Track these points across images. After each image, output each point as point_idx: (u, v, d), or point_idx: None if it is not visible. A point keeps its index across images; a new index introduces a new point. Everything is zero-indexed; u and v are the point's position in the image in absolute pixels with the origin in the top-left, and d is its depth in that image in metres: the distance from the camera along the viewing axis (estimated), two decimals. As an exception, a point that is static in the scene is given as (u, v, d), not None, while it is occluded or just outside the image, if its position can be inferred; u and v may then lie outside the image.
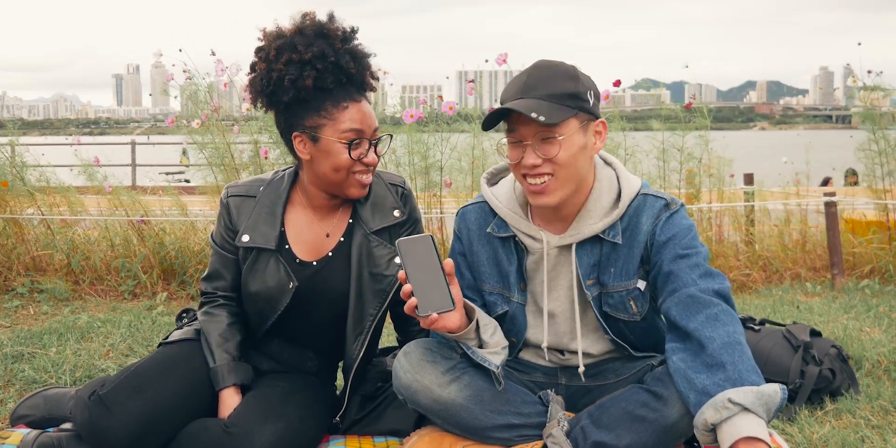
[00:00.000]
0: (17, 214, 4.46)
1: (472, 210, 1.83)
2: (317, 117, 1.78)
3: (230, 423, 1.66)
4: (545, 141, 1.59)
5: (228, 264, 1.93)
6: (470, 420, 1.65)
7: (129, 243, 4.39)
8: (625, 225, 1.70)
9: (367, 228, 1.88)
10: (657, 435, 1.54)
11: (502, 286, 1.78)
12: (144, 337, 3.17)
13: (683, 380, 1.49)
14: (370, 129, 1.80)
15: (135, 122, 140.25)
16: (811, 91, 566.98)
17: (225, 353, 1.84)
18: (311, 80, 1.74)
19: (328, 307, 1.90)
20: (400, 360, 1.68)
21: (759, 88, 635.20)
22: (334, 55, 1.76)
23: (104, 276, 4.25)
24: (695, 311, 1.54)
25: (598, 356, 1.78)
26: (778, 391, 1.41)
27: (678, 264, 1.61)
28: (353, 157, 1.78)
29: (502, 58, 4.18)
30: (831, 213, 4.38)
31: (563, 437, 1.61)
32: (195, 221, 4.53)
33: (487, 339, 1.63)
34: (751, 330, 2.55)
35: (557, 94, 1.58)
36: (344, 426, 1.95)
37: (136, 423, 1.64)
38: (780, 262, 4.59)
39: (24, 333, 3.19)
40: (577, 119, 1.61)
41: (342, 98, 1.78)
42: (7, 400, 2.39)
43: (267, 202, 1.90)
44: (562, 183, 1.62)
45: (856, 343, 2.91)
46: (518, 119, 1.60)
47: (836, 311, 3.64)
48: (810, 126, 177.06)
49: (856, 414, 2.23)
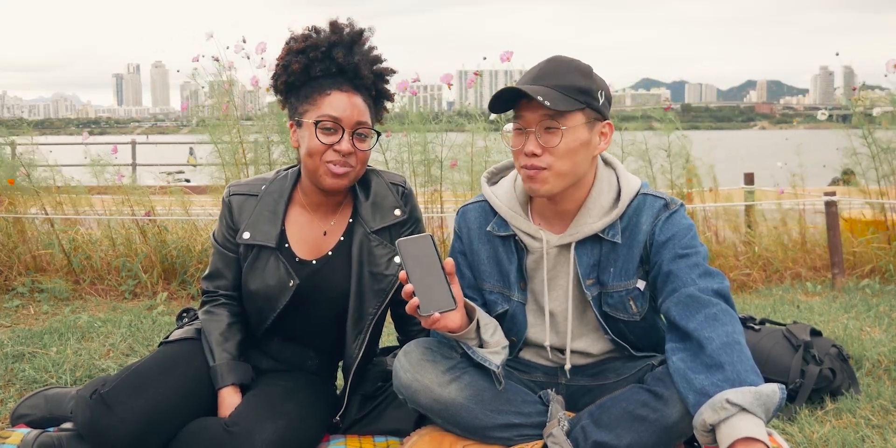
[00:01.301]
0: (21, 214, 4.47)
1: (473, 209, 1.83)
2: (305, 104, 1.83)
3: (231, 422, 1.67)
4: (548, 130, 1.60)
5: (229, 263, 1.93)
6: (470, 420, 1.65)
7: (131, 242, 4.39)
8: (624, 224, 1.70)
9: (367, 228, 1.88)
10: (657, 435, 1.54)
11: (502, 285, 1.78)
12: (145, 336, 3.17)
13: (683, 380, 1.49)
14: (350, 120, 1.80)
15: (135, 121, 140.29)
16: (811, 91, 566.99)
17: (225, 353, 1.84)
18: (297, 65, 1.82)
19: (328, 306, 1.90)
20: (400, 360, 1.68)
21: (760, 88, 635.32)
22: (326, 46, 1.83)
23: (105, 276, 4.25)
24: (694, 311, 1.54)
25: (599, 356, 1.78)
26: (776, 391, 1.41)
27: (677, 264, 1.62)
28: (321, 140, 1.79)
29: (506, 55, 4.18)
30: (832, 213, 4.38)
31: (563, 437, 1.61)
32: (196, 221, 4.53)
33: (488, 339, 1.63)
34: (751, 329, 2.55)
35: (568, 86, 1.60)
36: (344, 426, 1.95)
37: (137, 422, 1.65)
38: (780, 262, 4.59)
39: (24, 333, 3.19)
40: (583, 114, 1.62)
41: (328, 86, 1.82)
42: (7, 399, 2.40)
43: (269, 201, 1.91)
44: (556, 175, 1.62)
45: (856, 342, 2.91)
46: (525, 106, 1.62)
47: (836, 310, 3.64)
48: (810, 125, 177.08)
49: (856, 413, 2.23)
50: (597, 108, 1.63)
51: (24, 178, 4.43)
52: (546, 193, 1.65)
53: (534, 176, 1.63)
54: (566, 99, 1.58)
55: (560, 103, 1.57)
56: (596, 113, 1.64)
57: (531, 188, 1.65)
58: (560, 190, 1.65)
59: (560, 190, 1.65)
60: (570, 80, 1.60)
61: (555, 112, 1.58)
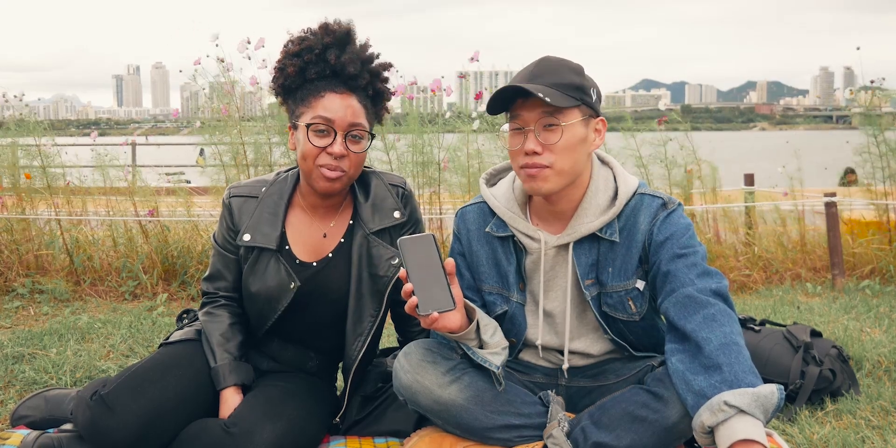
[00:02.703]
0: (29, 214, 4.47)
1: (471, 210, 1.84)
2: (301, 106, 1.83)
3: (230, 422, 1.67)
4: (547, 128, 1.61)
5: (230, 265, 1.93)
6: (470, 421, 1.65)
7: (133, 242, 4.39)
8: (622, 224, 1.70)
9: (367, 229, 1.88)
10: (657, 435, 1.54)
11: (501, 286, 1.78)
12: (145, 338, 3.17)
13: (681, 382, 1.49)
14: (343, 122, 1.79)
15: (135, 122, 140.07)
16: (811, 91, 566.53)
17: (226, 353, 1.85)
18: (293, 68, 1.82)
19: (328, 308, 1.90)
20: (400, 361, 1.68)
21: (760, 89, 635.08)
22: (320, 48, 1.82)
23: (105, 277, 4.25)
24: (692, 312, 1.54)
25: (598, 356, 1.78)
26: (775, 392, 1.41)
27: (676, 264, 1.62)
28: (314, 143, 1.78)
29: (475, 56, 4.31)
30: (831, 214, 4.38)
31: (563, 438, 1.61)
32: (197, 222, 4.53)
33: (488, 340, 1.63)
34: (751, 330, 2.55)
35: (563, 84, 1.61)
36: (344, 427, 1.95)
37: (137, 423, 1.65)
38: (780, 263, 4.59)
39: (24, 334, 3.19)
40: (579, 111, 1.63)
41: (322, 88, 1.82)
42: (7, 401, 2.40)
43: (269, 203, 1.91)
44: (557, 173, 1.63)
45: (856, 343, 2.91)
46: (522, 105, 1.63)
47: (836, 311, 3.64)
48: (810, 126, 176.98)
49: (856, 414, 2.23)
50: (591, 104, 1.64)
51: (41, 173, 4.44)
52: (548, 192, 1.65)
53: (535, 174, 1.63)
54: (563, 96, 1.60)
55: (559, 100, 1.58)
56: (590, 110, 1.65)
57: (532, 187, 1.66)
58: (561, 188, 1.66)
59: (561, 188, 1.66)
60: (564, 78, 1.62)
61: (553, 109, 1.59)
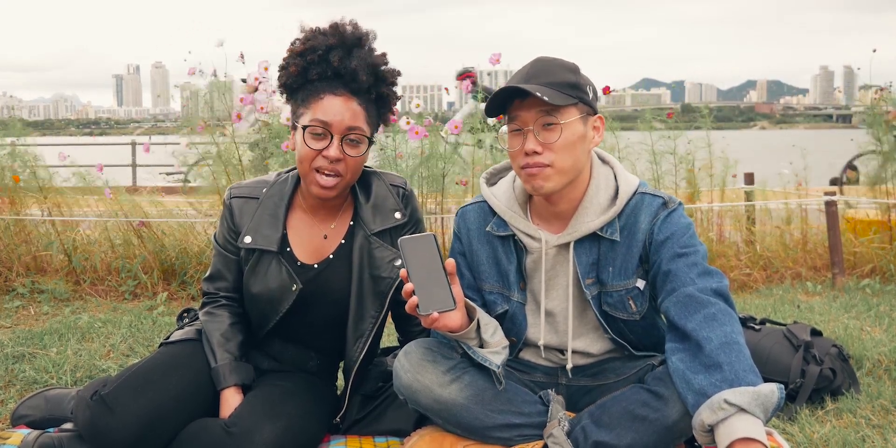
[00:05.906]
0: (22, 215, 4.46)
1: (472, 210, 1.84)
2: (301, 107, 1.82)
3: (231, 422, 1.67)
4: (546, 127, 1.62)
5: (230, 265, 1.93)
6: (470, 420, 1.65)
7: (130, 245, 4.39)
8: (622, 223, 1.70)
9: (367, 230, 1.88)
10: (658, 434, 1.54)
11: (502, 285, 1.78)
12: (145, 337, 3.17)
13: (682, 381, 1.49)
14: (341, 125, 1.77)
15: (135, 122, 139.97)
16: (811, 90, 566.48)
17: (226, 353, 1.84)
18: (295, 68, 1.81)
19: (329, 309, 1.90)
20: (400, 360, 1.68)
21: (760, 88, 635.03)
22: (324, 49, 1.80)
23: (105, 277, 4.25)
24: (693, 311, 1.54)
25: (599, 355, 1.78)
26: (775, 391, 1.41)
27: (676, 263, 1.62)
28: (310, 146, 1.77)
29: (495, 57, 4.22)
30: (832, 213, 4.38)
31: (563, 437, 1.61)
32: (194, 223, 4.53)
33: (488, 339, 1.63)
34: (751, 329, 2.55)
35: (559, 83, 1.62)
36: (344, 426, 1.95)
37: (137, 423, 1.65)
38: (780, 262, 4.59)
39: (24, 334, 3.19)
40: (577, 109, 1.64)
41: (322, 90, 1.80)
42: (8, 400, 2.40)
43: (270, 204, 1.90)
44: (558, 171, 1.63)
45: (856, 342, 2.91)
46: (519, 106, 1.63)
47: (836, 310, 3.63)
48: (811, 125, 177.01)
49: (856, 413, 2.23)
50: (588, 102, 1.65)
51: (31, 176, 4.43)
52: (549, 191, 1.65)
53: (536, 174, 1.63)
54: (560, 94, 1.60)
55: (556, 98, 1.59)
56: (588, 107, 1.66)
57: (534, 187, 1.66)
58: (562, 186, 1.66)
59: (562, 186, 1.66)
60: (560, 77, 1.62)
61: (550, 108, 1.60)
